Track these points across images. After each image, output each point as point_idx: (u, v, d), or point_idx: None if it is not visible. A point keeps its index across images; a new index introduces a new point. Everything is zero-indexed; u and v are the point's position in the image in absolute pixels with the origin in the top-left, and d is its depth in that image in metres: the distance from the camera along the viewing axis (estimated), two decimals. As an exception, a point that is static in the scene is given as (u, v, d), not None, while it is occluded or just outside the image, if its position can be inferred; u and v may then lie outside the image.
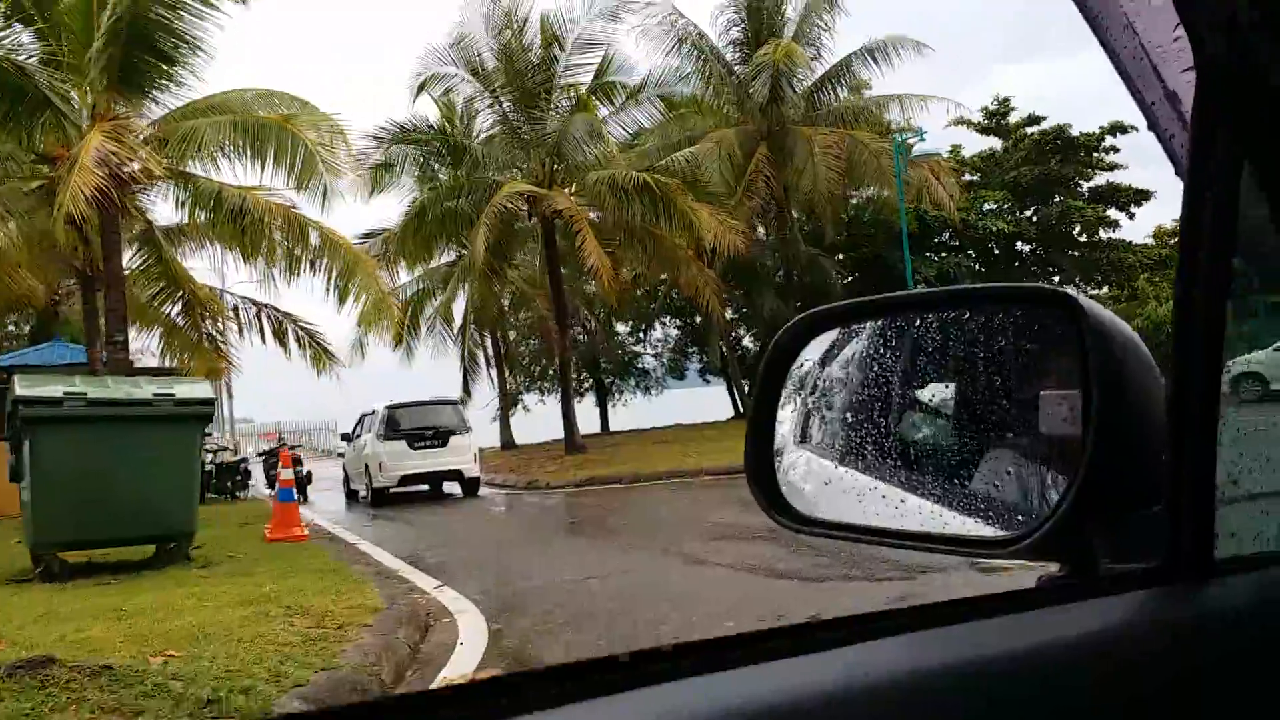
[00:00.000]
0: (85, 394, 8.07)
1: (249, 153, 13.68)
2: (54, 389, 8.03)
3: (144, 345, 19.52)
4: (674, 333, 38.88)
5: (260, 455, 23.96)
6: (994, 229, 34.31)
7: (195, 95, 15.70)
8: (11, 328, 28.36)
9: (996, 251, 36.15)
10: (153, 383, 8.80)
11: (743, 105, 27.17)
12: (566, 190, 22.20)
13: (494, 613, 6.91)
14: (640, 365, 38.99)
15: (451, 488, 18.80)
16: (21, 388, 7.82)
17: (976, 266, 35.18)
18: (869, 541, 1.20)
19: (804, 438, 1.36)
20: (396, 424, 18.22)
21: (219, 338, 17.01)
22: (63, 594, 7.28)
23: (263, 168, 13.64)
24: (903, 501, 1.18)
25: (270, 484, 21.30)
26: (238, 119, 13.91)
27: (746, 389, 36.52)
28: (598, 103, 23.77)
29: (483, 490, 19.29)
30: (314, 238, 14.90)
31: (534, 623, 6.60)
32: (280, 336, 21.09)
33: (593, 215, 24.41)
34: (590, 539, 11.73)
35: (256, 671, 4.69)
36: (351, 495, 19.82)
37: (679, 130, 27.32)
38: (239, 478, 20.51)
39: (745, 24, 27.82)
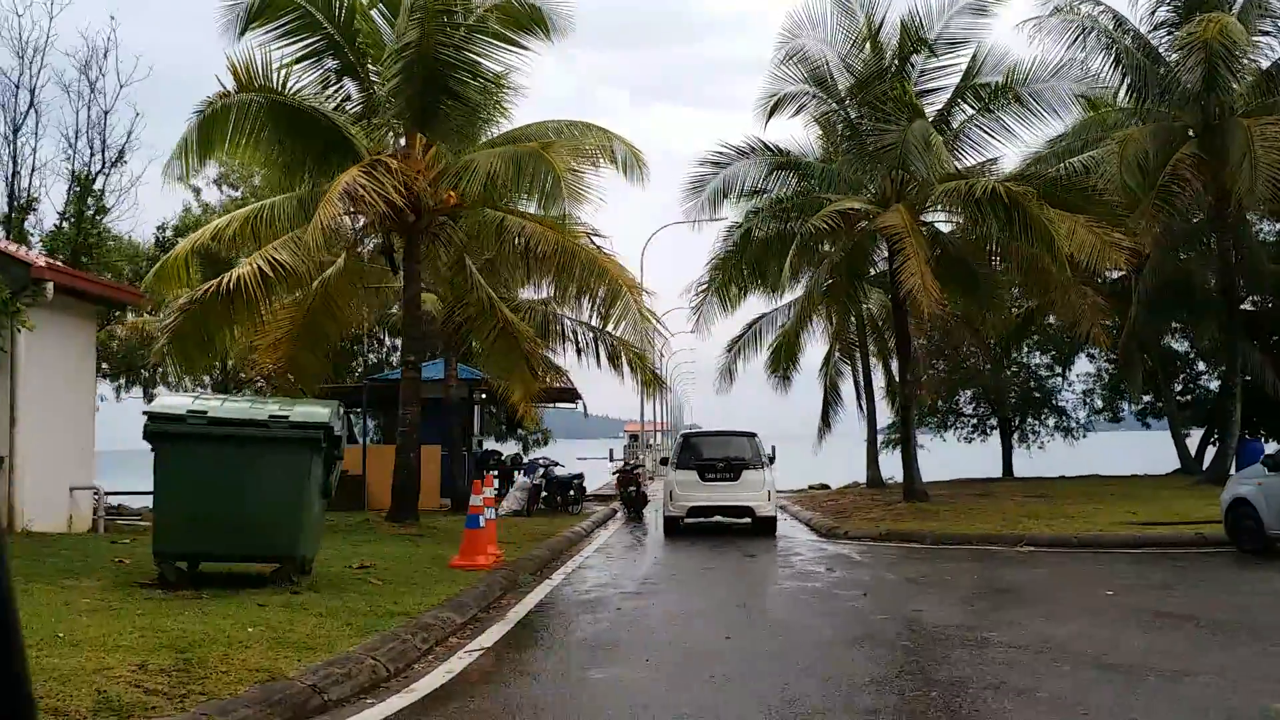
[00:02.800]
0: (206, 412, 8.59)
1: (514, 182, 14.02)
2: (180, 405, 8.67)
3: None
4: (1105, 366, 33.53)
5: (615, 473, 24.80)
6: None
7: (506, 128, 16.80)
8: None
9: None
10: (276, 403, 9.14)
11: (1165, 98, 22.56)
12: (916, 206, 20.02)
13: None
14: (1057, 403, 34.14)
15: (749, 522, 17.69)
16: (155, 404, 8.53)
17: None
18: None
19: None
20: (689, 453, 17.66)
21: (534, 360, 17.64)
22: (148, 604, 7.70)
23: (521, 194, 13.94)
24: None
25: (623, 501, 21.96)
26: (507, 149, 14.36)
27: (1206, 437, 30.37)
28: (966, 107, 21.10)
29: (784, 529, 18.00)
30: (581, 263, 14.85)
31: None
32: (614, 361, 21.71)
33: (947, 231, 21.97)
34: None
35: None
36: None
37: (1080, 134, 23.56)
38: (572, 493, 21.32)
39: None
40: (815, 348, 31.05)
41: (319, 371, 16.38)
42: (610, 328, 15.41)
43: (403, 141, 15.68)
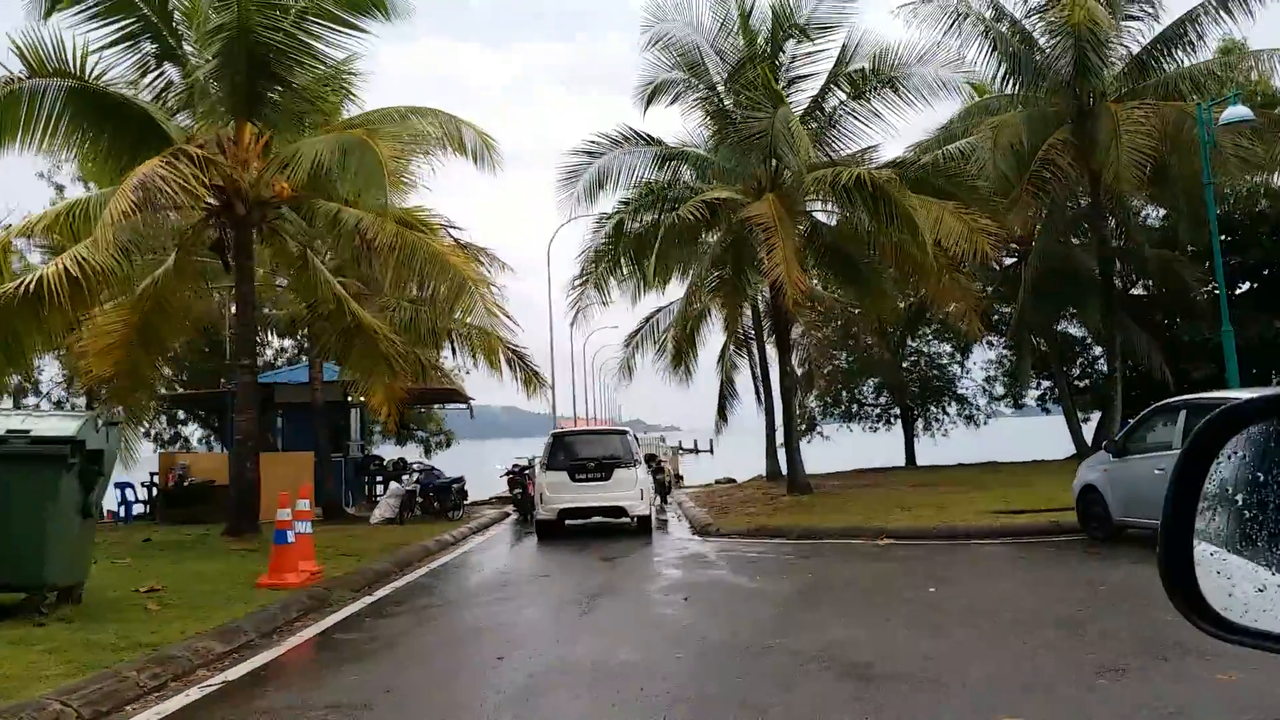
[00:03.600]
0: (-66, 428, 7.75)
1: (339, 170, 13.25)
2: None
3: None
4: (1005, 353, 33.78)
5: (506, 474, 24.08)
6: None
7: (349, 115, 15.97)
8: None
9: None
10: (22, 416, 8.31)
11: (1040, 83, 22.61)
12: (790, 195, 19.69)
13: None
14: (958, 390, 34.30)
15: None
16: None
17: None
18: None
19: (1230, 539, 1.29)
20: (559, 453, 17.06)
21: (395, 361, 16.83)
22: None
23: (346, 182, 13.19)
24: None
25: (514, 503, 21.33)
26: (334, 137, 13.59)
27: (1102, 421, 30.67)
28: (839, 93, 20.83)
29: (669, 526, 17.59)
30: (423, 257, 14.14)
31: None
32: (490, 359, 20.99)
33: (830, 222, 21.72)
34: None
35: None
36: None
37: (964, 121, 23.54)
38: (453, 498, 20.56)
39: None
40: (718, 339, 30.75)
41: (158, 377, 15.35)
42: (467, 318, 14.64)
43: (233, 130, 14.78)
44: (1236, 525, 1.28)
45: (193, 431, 31.59)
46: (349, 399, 22.48)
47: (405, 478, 20.20)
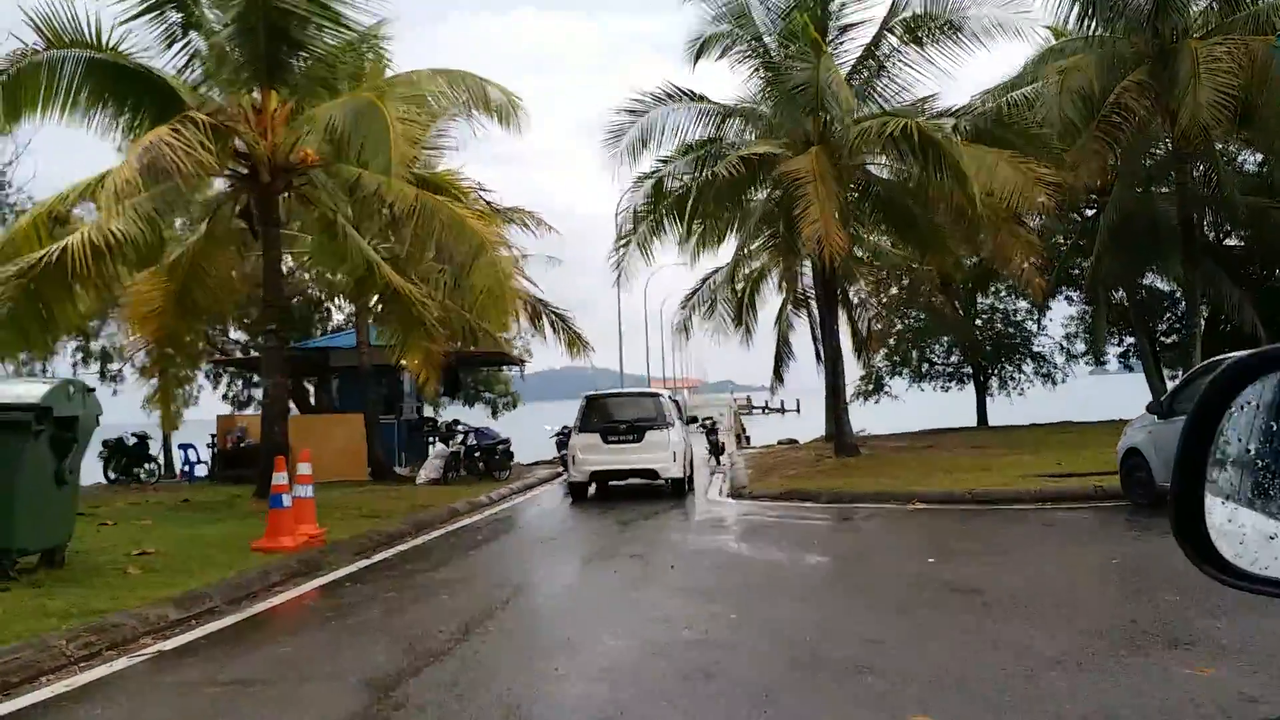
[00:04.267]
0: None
1: (352, 133, 13.11)
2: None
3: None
4: (1087, 309, 32.09)
5: (555, 436, 24.04)
6: None
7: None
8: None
9: None
10: (-4, 384, 8.43)
11: (1117, 22, 21.06)
12: (841, 148, 18.86)
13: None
14: (1035, 348, 32.76)
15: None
16: None
17: None
18: None
19: (1241, 488, 1.31)
20: (592, 415, 16.87)
21: (434, 324, 16.83)
22: None
23: (358, 145, 13.03)
24: None
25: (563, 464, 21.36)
26: (348, 100, 13.45)
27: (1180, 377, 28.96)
28: (893, 39, 19.80)
29: (705, 488, 17.33)
30: (441, 221, 13.98)
31: None
32: (535, 321, 20.88)
33: (885, 176, 20.79)
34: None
35: None
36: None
37: (1036, 68, 22.16)
38: (499, 458, 20.63)
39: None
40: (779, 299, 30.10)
41: (200, 343, 15.66)
42: (474, 289, 14.45)
43: (258, 98, 14.83)
44: (1249, 475, 1.30)
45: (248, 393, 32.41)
46: (399, 361, 22.71)
47: (453, 439, 20.28)
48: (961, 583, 7.71)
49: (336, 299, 30.85)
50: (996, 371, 32.89)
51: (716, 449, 23.57)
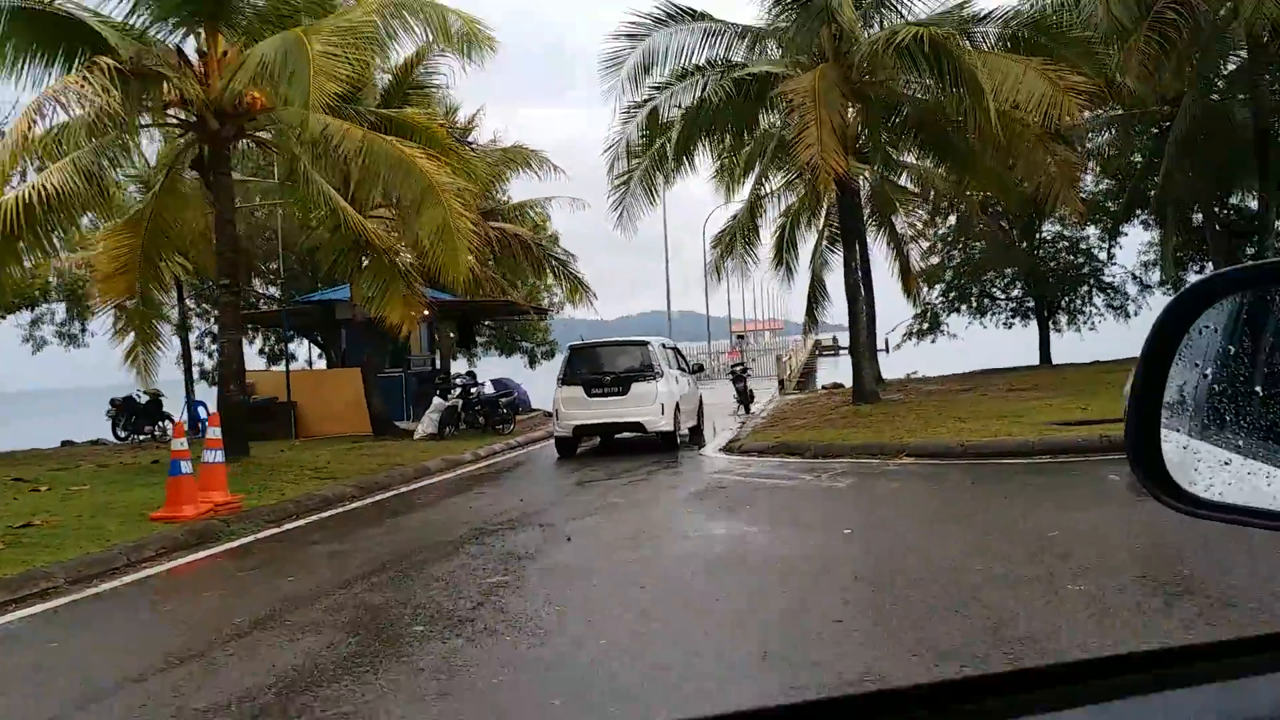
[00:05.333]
0: None
1: (280, 71, 12.18)
2: None
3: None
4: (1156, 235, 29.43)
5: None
6: None
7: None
8: None
9: None
10: None
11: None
12: (857, 66, 17.17)
13: None
14: (1105, 279, 30.30)
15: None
16: None
17: None
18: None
19: (1196, 414, 1.31)
20: (576, 366, 15.89)
21: (415, 275, 16.04)
22: None
23: (282, 84, 12.08)
24: None
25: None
26: (279, 37, 12.48)
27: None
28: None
29: (704, 441, 16.29)
30: (389, 163, 13.04)
31: None
32: (537, 267, 19.87)
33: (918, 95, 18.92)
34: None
35: None
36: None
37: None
38: (501, 411, 19.85)
39: None
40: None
41: (166, 299, 15.17)
42: (421, 233, 13.48)
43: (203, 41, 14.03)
44: (1205, 400, 1.30)
45: (296, 348, 32.33)
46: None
47: (450, 392, 19.56)
48: (873, 552, 6.53)
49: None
50: (1064, 305, 30.60)
51: (745, 397, 22.40)
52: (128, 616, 6.68)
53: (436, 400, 19.28)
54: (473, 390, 19.70)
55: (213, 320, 28.46)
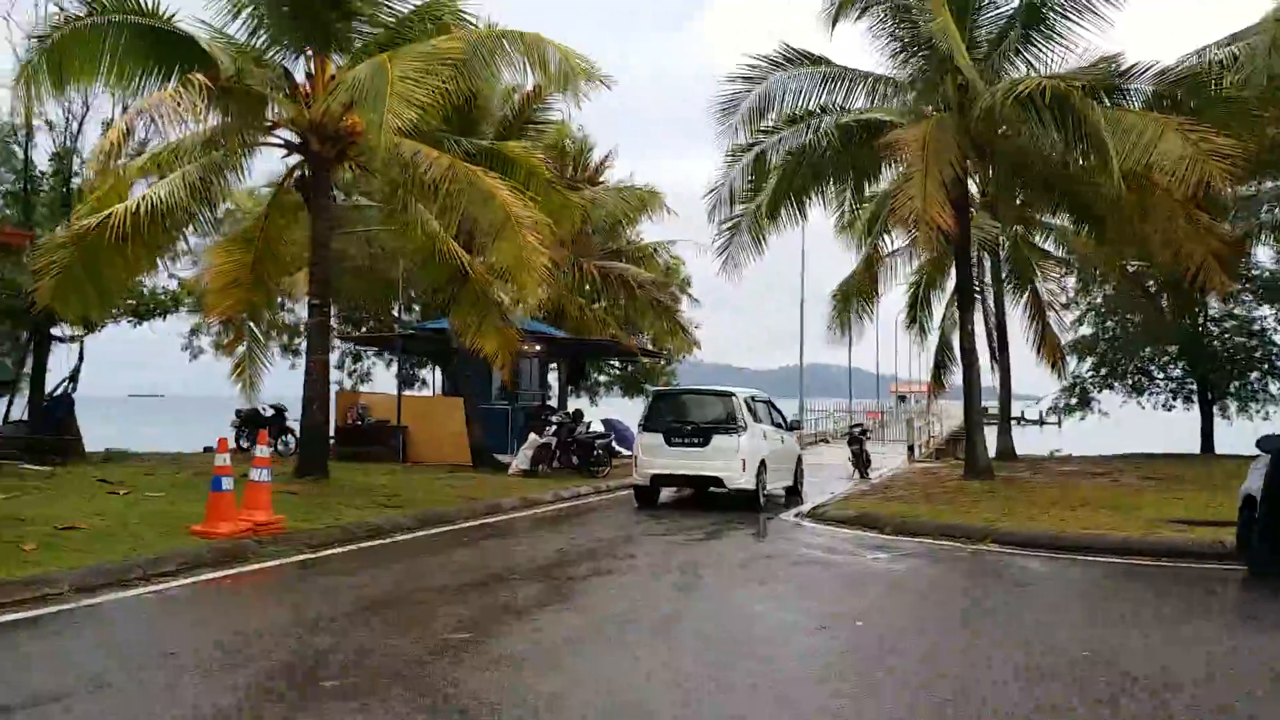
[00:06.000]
0: None
1: (364, 93, 12.32)
2: None
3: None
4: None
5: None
6: None
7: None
8: None
9: None
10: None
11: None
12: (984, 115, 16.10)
13: None
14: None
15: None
16: None
17: None
18: None
19: None
20: (658, 414, 15.35)
21: (506, 307, 16.05)
22: None
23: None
24: None
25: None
26: (372, 61, 12.66)
27: None
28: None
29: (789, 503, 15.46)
30: (478, 191, 13.01)
31: None
32: (644, 309, 19.50)
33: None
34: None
35: None
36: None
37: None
38: (596, 453, 19.52)
39: None
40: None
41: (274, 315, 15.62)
42: (495, 263, 13.33)
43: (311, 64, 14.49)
44: None
45: (427, 374, 33.06)
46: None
47: (546, 430, 19.38)
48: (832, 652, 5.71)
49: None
50: (1234, 390, 27.78)
51: (860, 460, 21.26)
52: (73, 635, 6.51)
53: (532, 436, 19.12)
54: (575, 429, 19.47)
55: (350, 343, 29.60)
